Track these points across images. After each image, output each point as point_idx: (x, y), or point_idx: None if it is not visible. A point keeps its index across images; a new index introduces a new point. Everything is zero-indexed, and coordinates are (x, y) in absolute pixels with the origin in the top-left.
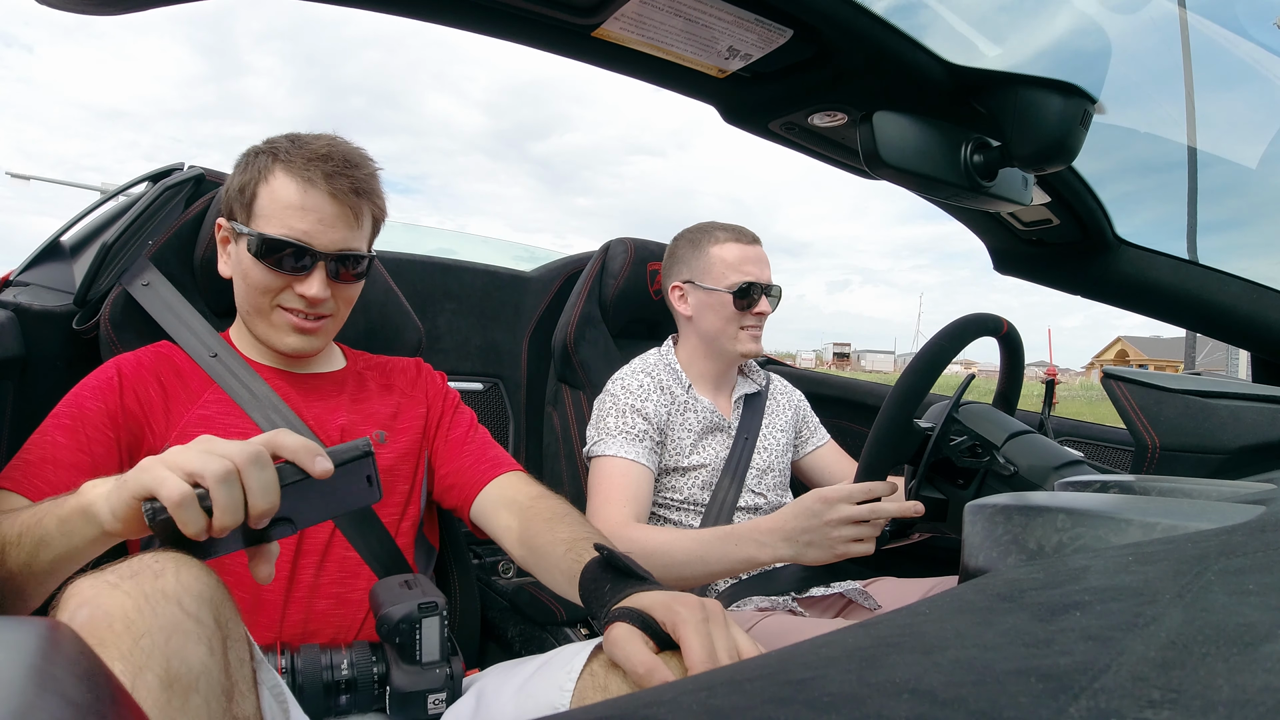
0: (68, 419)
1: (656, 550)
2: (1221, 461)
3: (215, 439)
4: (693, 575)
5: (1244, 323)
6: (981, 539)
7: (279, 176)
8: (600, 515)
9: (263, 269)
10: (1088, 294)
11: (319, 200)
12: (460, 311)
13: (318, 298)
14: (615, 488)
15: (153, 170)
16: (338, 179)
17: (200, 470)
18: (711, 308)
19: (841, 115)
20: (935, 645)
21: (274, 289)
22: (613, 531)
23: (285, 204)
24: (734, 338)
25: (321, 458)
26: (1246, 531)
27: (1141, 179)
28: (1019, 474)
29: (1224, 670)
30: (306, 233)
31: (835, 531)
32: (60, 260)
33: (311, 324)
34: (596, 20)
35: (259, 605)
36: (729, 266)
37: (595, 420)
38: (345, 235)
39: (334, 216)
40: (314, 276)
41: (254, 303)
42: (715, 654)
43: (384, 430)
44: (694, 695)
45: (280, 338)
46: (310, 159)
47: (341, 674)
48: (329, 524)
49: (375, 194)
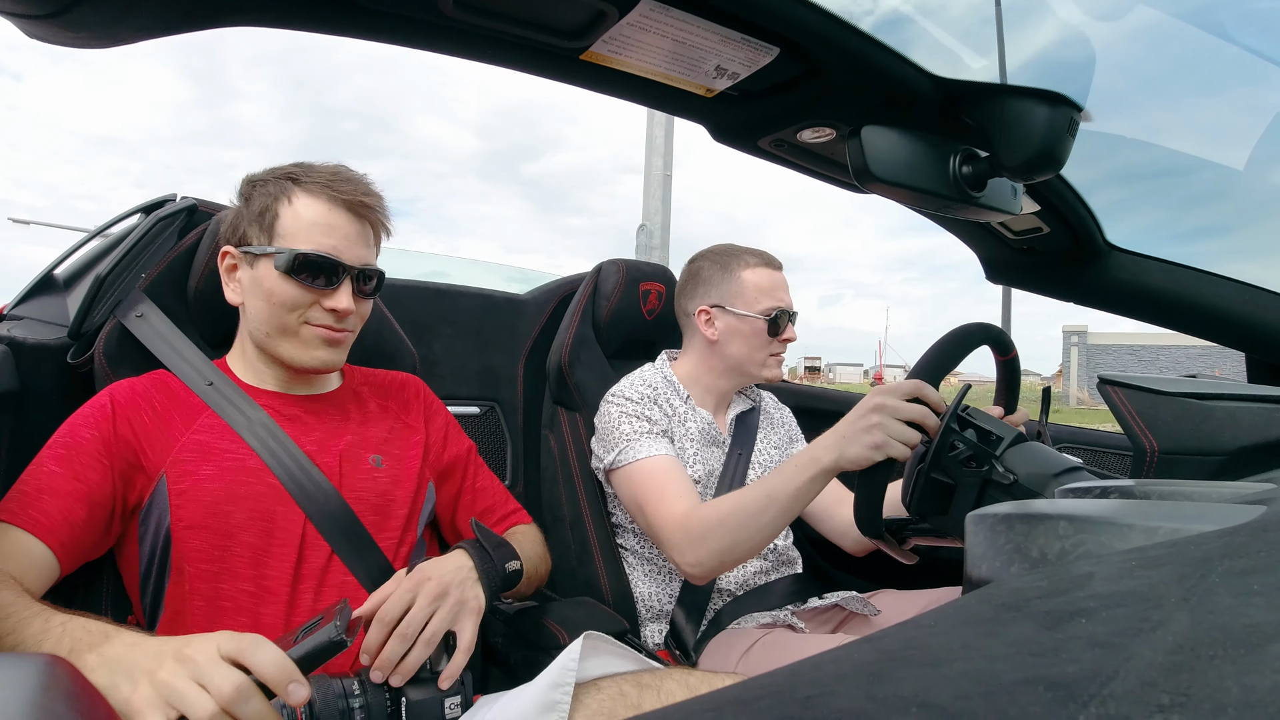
0: (62, 449)
1: (732, 511)
2: (1220, 463)
3: (197, 663)
4: (769, 519)
5: (1238, 324)
6: (984, 549)
7: (301, 198)
8: (664, 516)
9: (293, 285)
10: (1080, 300)
11: (343, 218)
12: (457, 336)
13: (349, 310)
14: (665, 484)
15: (145, 202)
16: (357, 199)
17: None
18: (742, 334)
19: (830, 131)
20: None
21: (303, 305)
22: (686, 523)
23: (311, 222)
24: (762, 364)
25: (297, 684)
26: (1249, 532)
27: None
28: (1019, 482)
29: (1232, 672)
30: (335, 248)
31: (881, 419)
32: (54, 294)
33: (339, 335)
34: (585, 43)
35: (259, 629)
36: (762, 292)
37: (605, 434)
38: (365, 252)
39: (356, 234)
40: (342, 290)
41: (280, 321)
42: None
43: (380, 455)
44: (701, 715)
45: (310, 353)
46: (329, 181)
47: (355, 698)
48: (326, 548)
49: (386, 215)
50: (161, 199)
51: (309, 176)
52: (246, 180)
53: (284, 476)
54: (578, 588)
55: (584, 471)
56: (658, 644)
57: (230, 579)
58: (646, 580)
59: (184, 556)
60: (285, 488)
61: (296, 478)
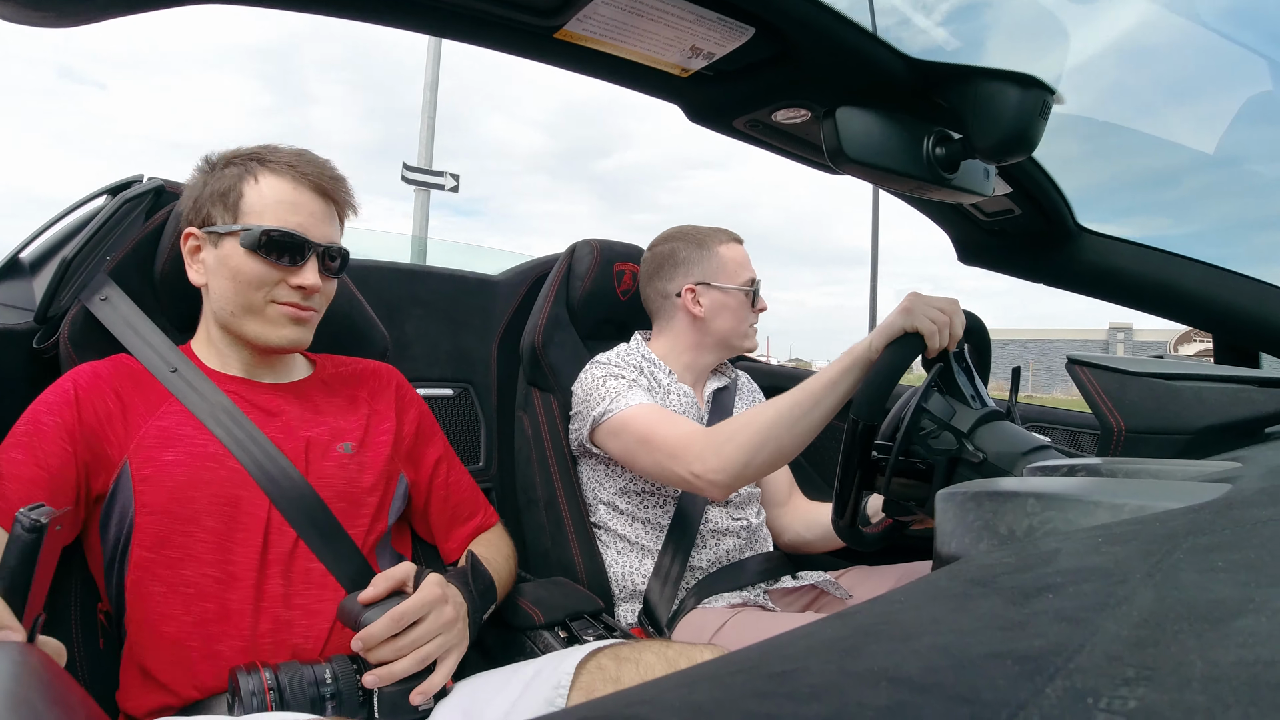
0: (25, 435)
1: (758, 413)
2: (1186, 442)
3: None
4: (800, 414)
5: (1206, 306)
6: (953, 526)
7: (266, 177)
8: (678, 434)
9: (258, 262)
10: (1051, 282)
11: (308, 196)
12: (428, 317)
13: (315, 286)
14: (667, 416)
15: (112, 183)
16: (322, 178)
17: None
18: (729, 307)
19: (805, 111)
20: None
21: (269, 282)
22: (706, 433)
23: (277, 200)
24: (745, 334)
25: None
26: (1214, 510)
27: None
28: (988, 460)
29: (1196, 646)
30: (301, 225)
31: (912, 304)
32: (20, 278)
33: (305, 313)
34: (558, 22)
35: (227, 614)
36: (740, 266)
37: (589, 393)
38: (330, 230)
39: (322, 212)
40: (309, 266)
41: (246, 299)
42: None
43: (350, 442)
44: (676, 691)
45: (276, 331)
46: (294, 161)
47: (327, 686)
48: (291, 534)
49: (350, 194)
50: (128, 179)
51: (273, 157)
52: (205, 161)
53: (248, 462)
54: (552, 568)
55: (558, 452)
56: (631, 623)
57: (194, 564)
58: (620, 559)
59: (147, 543)
60: (249, 473)
61: (260, 463)
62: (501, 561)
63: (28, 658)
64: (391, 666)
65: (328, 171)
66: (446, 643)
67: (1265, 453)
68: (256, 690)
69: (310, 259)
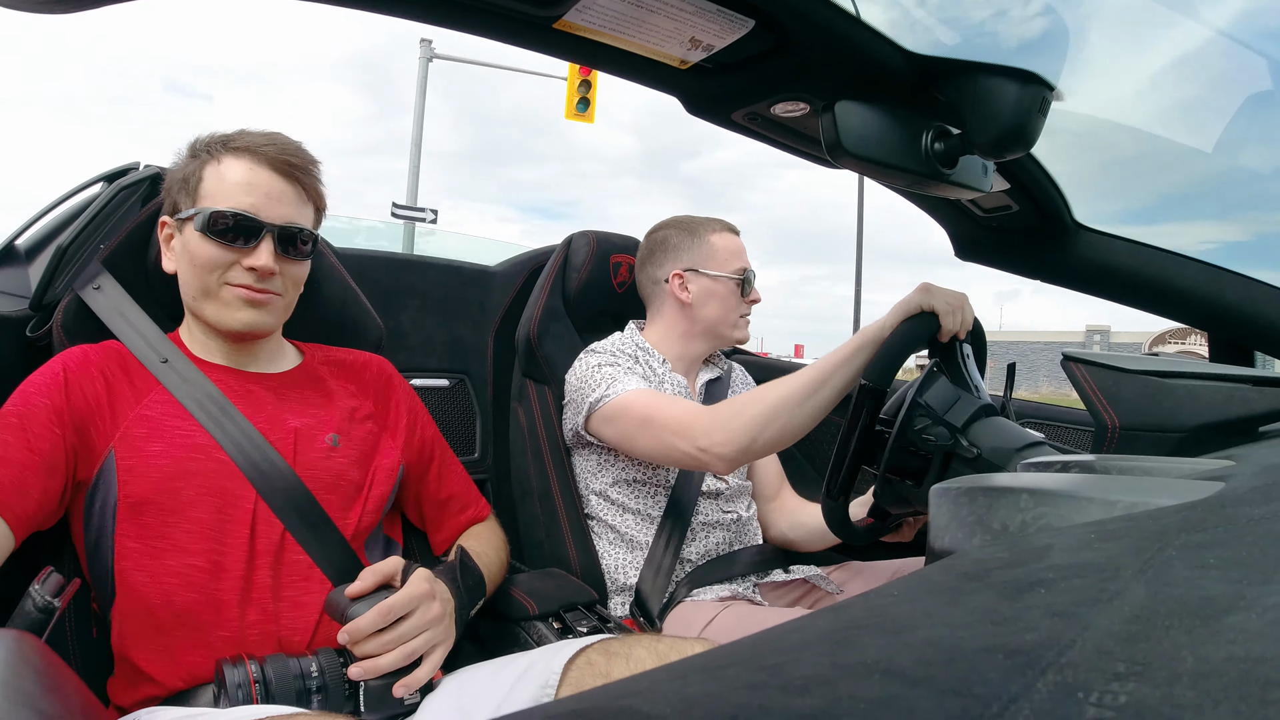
0: (14, 417)
1: (767, 388)
2: (1180, 440)
3: None
4: (809, 391)
5: (1201, 303)
6: (947, 520)
7: (226, 160)
8: (680, 411)
9: (210, 244)
10: (1047, 278)
11: (266, 176)
12: (424, 308)
13: (267, 268)
14: (668, 398)
15: (107, 170)
16: (285, 159)
17: None
18: (717, 295)
19: (803, 105)
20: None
21: (222, 265)
22: (710, 409)
23: (233, 182)
24: (734, 324)
25: None
26: (1206, 507)
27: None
28: (982, 456)
29: (1187, 642)
30: (254, 205)
31: (927, 286)
32: (16, 265)
33: (261, 295)
34: (558, 11)
35: (212, 606)
36: (731, 255)
37: (584, 380)
38: (292, 211)
39: (281, 192)
40: (262, 248)
41: (201, 283)
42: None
43: (338, 434)
44: (669, 683)
45: (231, 314)
46: (258, 143)
47: (313, 679)
48: (279, 526)
49: (318, 179)
50: (124, 167)
51: (239, 140)
52: (188, 145)
53: (234, 452)
54: (546, 559)
55: (553, 444)
56: (623, 614)
57: (180, 555)
58: (614, 550)
59: (131, 533)
60: (236, 463)
61: (248, 454)
62: (492, 554)
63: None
64: (377, 660)
65: (290, 152)
66: (433, 638)
67: (1259, 451)
68: (242, 682)
69: (264, 240)
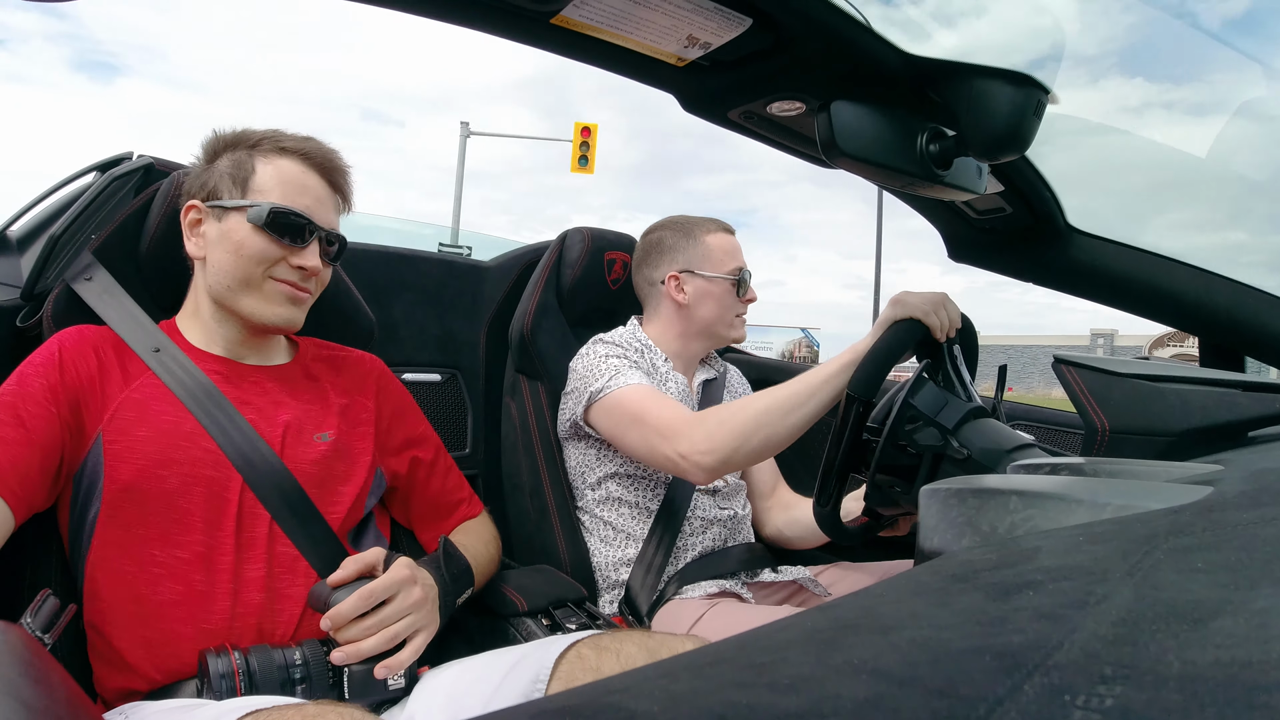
0: (11, 397)
1: (753, 399)
2: (1169, 443)
3: None
4: (796, 404)
5: (1192, 308)
6: (936, 522)
7: (279, 158)
8: (669, 414)
9: (263, 238)
10: (1039, 281)
11: (315, 180)
12: (417, 302)
13: (316, 268)
14: (664, 399)
15: (101, 160)
16: (329, 167)
17: None
18: (712, 295)
19: (799, 104)
20: (892, 626)
21: (270, 259)
22: (698, 415)
23: (287, 180)
24: (730, 324)
25: None
26: (1194, 511)
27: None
28: (972, 457)
29: (1174, 646)
30: (308, 208)
31: (907, 293)
32: (7, 254)
33: (302, 293)
34: (555, 7)
35: (196, 596)
36: (727, 254)
37: (588, 369)
38: (333, 216)
39: (327, 197)
40: (311, 248)
41: (245, 273)
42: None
43: (327, 430)
44: (656, 681)
45: (272, 309)
46: (307, 147)
47: (297, 669)
48: (266, 517)
49: (351, 189)
50: (118, 156)
51: (288, 142)
52: (215, 139)
53: (224, 442)
54: (536, 555)
55: (544, 440)
56: (612, 611)
57: (163, 544)
58: (604, 547)
59: (115, 520)
60: (225, 453)
61: (237, 444)
62: (481, 548)
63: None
64: (359, 644)
65: (335, 160)
66: (415, 622)
67: (1247, 456)
68: (226, 673)
69: (313, 241)
